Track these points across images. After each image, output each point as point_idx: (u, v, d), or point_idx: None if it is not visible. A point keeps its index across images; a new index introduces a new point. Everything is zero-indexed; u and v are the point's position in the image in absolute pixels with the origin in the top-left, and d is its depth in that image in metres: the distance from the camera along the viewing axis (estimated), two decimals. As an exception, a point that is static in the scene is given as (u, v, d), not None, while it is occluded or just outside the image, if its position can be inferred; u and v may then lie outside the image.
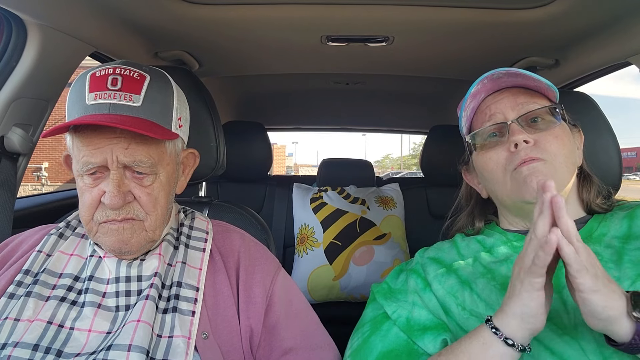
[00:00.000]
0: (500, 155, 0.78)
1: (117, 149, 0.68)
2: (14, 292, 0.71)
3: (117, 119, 0.66)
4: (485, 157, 0.80)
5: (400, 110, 2.76)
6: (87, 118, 0.66)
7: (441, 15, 1.13)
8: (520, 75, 0.77)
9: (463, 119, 0.84)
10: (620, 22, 1.08)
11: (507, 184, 0.78)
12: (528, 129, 0.77)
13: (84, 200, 0.71)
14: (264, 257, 0.85)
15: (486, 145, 0.81)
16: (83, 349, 0.67)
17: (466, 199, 0.93)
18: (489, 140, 0.80)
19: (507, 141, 0.77)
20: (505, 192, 0.79)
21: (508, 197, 0.79)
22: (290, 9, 1.13)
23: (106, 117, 0.66)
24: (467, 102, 0.81)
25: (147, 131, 0.66)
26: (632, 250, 0.70)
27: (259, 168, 2.06)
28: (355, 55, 1.52)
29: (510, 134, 0.76)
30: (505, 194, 0.79)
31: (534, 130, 0.77)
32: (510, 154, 0.76)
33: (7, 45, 0.99)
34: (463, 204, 0.94)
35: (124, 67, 0.71)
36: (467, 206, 0.93)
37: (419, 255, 0.87)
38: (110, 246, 0.72)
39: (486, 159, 0.80)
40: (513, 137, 0.75)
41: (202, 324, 0.72)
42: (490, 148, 0.80)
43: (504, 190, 0.79)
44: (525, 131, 0.76)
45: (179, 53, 1.46)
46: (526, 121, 0.77)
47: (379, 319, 0.79)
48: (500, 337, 0.60)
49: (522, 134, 0.75)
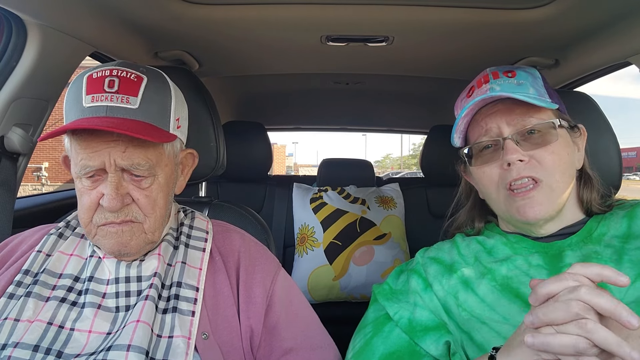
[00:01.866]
0: (494, 171, 0.77)
1: (114, 152, 0.67)
2: (13, 292, 0.71)
3: (114, 122, 0.66)
4: (480, 171, 0.80)
5: (400, 110, 2.76)
6: (84, 121, 0.66)
7: (441, 15, 1.13)
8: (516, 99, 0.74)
9: (456, 134, 0.82)
10: (620, 22, 1.08)
11: (500, 201, 0.78)
12: (524, 144, 0.75)
13: (83, 202, 0.71)
14: (264, 257, 0.85)
15: (481, 158, 0.80)
16: (83, 350, 0.67)
17: (466, 194, 0.93)
18: (484, 153, 0.79)
19: (501, 158, 0.75)
20: (499, 207, 0.79)
21: (502, 211, 0.80)
22: (290, 9, 1.13)
23: (103, 121, 0.66)
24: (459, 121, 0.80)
25: (144, 135, 0.66)
26: (632, 250, 0.70)
27: (259, 168, 2.06)
28: (355, 55, 1.52)
29: (505, 151, 0.75)
30: (499, 208, 0.80)
31: (529, 146, 0.75)
32: (503, 171, 0.75)
33: (7, 45, 0.99)
34: (463, 200, 0.94)
35: (121, 68, 0.70)
36: (467, 202, 0.93)
37: (420, 255, 0.87)
38: (109, 248, 0.72)
39: (480, 172, 0.80)
40: (507, 156, 0.74)
41: (202, 324, 0.72)
42: (485, 162, 0.79)
43: (498, 205, 0.79)
44: (520, 147, 0.74)
45: (179, 53, 1.46)
46: (522, 135, 0.76)
47: (381, 320, 0.79)
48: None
49: (517, 152, 0.73)
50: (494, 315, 0.71)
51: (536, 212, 0.73)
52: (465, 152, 0.82)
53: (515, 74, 0.81)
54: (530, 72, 0.82)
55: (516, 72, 0.81)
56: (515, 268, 0.75)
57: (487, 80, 0.81)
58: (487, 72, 0.83)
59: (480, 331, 0.71)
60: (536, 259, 0.75)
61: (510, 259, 0.76)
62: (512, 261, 0.76)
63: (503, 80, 0.80)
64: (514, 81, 0.79)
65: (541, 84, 0.81)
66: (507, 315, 0.70)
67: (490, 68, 0.84)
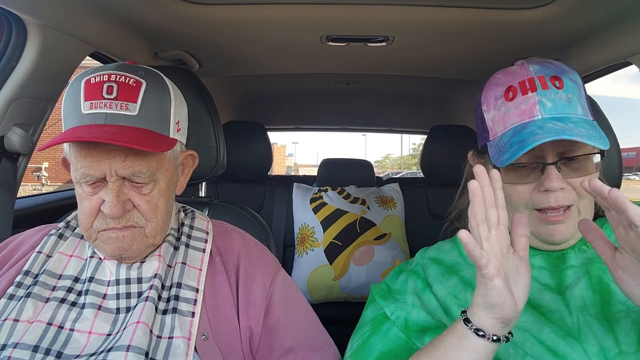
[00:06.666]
0: (527, 192, 0.73)
1: (114, 162, 0.67)
2: (13, 293, 0.71)
3: (113, 132, 0.65)
4: (510, 187, 0.73)
5: (400, 110, 2.76)
6: (84, 130, 0.65)
7: (441, 15, 1.13)
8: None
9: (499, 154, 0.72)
10: (620, 22, 1.08)
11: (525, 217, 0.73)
12: (564, 170, 0.71)
13: (83, 207, 0.71)
14: (264, 257, 0.85)
15: (513, 174, 0.73)
16: (83, 351, 0.67)
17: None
18: (518, 169, 0.73)
19: (538, 181, 0.71)
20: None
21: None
22: (290, 9, 1.13)
23: (102, 130, 0.65)
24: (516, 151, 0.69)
25: (144, 145, 0.66)
26: None
27: (259, 168, 2.07)
28: (355, 55, 1.52)
29: (547, 178, 0.69)
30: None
31: (569, 172, 0.71)
32: (539, 195, 0.71)
33: (7, 45, 0.99)
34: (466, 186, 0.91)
35: (119, 73, 0.69)
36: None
37: (420, 255, 0.87)
38: (110, 253, 0.72)
39: (511, 189, 0.74)
40: (549, 185, 0.69)
41: (202, 325, 0.72)
42: (518, 180, 0.73)
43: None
44: (561, 175, 0.69)
45: (179, 53, 1.46)
46: (564, 161, 0.71)
47: (379, 319, 0.79)
48: (470, 329, 0.59)
49: (560, 181, 0.69)
50: (495, 316, 0.71)
51: (563, 235, 0.72)
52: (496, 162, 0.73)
53: (562, 83, 0.71)
54: (574, 80, 0.73)
55: (563, 80, 0.72)
56: None
57: (535, 88, 0.71)
58: (531, 74, 0.72)
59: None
60: (538, 261, 0.75)
61: None
62: None
63: (553, 93, 0.71)
64: (562, 95, 0.71)
65: (584, 97, 0.74)
66: None
67: (532, 64, 0.73)
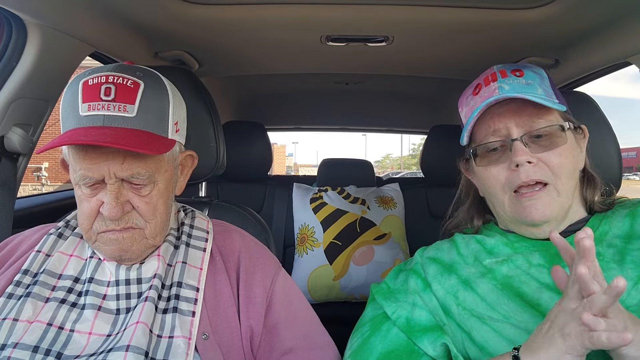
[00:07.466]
0: (501, 173, 0.77)
1: (113, 164, 0.67)
2: (12, 292, 0.71)
3: (111, 134, 0.65)
4: (486, 172, 0.79)
5: (400, 110, 2.76)
6: (82, 133, 0.65)
7: (441, 15, 1.13)
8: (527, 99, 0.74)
9: (466, 133, 0.81)
10: (620, 22, 1.08)
11: (505, 203, 0.78)
12: (532, 146, 0.74)
13: (83, 209, 0.71)
14: (264, 257, 0.85)
15: (487, 159, 0.79)
16: (83, 351, 0.67)
17: (466, 192, 0.92)
18: (491, 153, 0.79)
19: (509, 160, 0.75)
20: (503, 209, 0.79)
21: (506, 213, 0.79)
22: (290, 9, 1.13)
23: (101, 133, 0.65)
24: (471, 121, 0.79)
25: (142, 147, 0.66)
26: (635, 251, 0.70)
27: (259, 168, 2.06)
28: (355, 55, 1.52)
29: (514, 153, 0.74)
30: (504, 210, 0.79)
31: (537, 148, 0.75)
32: (511, 173, 0.75)
33: (7, 45, 0.99)
34: (463, 198, 0.93)
35: (117, 74, 0.69)
36: (467, 199, 0.92)
37: (419, 254, 0.87)
38: (110, 254, 0.72)
39: (487, 173, 0.79)
40: (516, 158, 0.73)
41: (203, 325, 0.72)
42: (491, 163, 0.78)
43: (503, 207, 0.79)
44: (529, 149, 0.74)
45: (179, 53, 1.46)
46: (531, 137, 0.75)
47: (379, 319, 0.79)
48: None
49: (526, 154, 0.73)
50: (495, 314, 0.71)
51: (540, 213, 0.73)
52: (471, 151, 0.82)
53: (523, 73, 0.80)
54: (537, 72, 0.81)
55: (524, 71, 0.80)
56: (516, 267, 0.75)
57: (495, 79, 0.80)
58: (494, 70, 0.82)
59: (480, 331, 0.70)
60: (537, 258, 0.75)
61: (510, 259, 0.76)
62: (512, 260, 0.76)
63: (512, 79, 0.79)
64: (522, 81, 0.78)
65: (548, 84, 0.81)
66: (508, 315, 0.70)
67: (497, 66, 0.83)
